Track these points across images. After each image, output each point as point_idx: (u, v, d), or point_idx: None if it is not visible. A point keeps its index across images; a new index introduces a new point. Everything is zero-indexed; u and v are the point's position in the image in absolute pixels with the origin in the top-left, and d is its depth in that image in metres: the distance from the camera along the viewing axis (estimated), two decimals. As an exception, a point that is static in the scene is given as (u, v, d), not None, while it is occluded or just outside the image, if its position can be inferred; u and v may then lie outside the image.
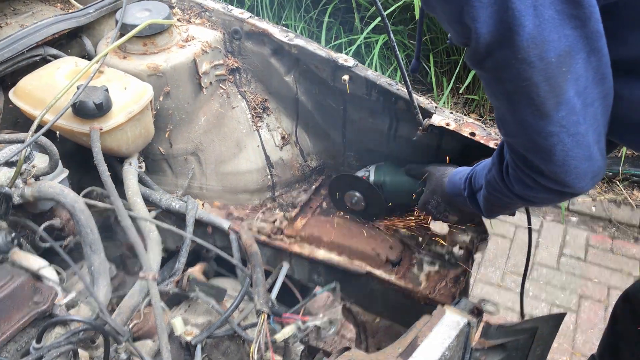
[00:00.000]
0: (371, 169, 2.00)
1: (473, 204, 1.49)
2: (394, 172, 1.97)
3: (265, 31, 2.00)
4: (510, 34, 0.91)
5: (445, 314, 1.42)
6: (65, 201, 1.52)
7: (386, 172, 1.98)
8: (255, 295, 1.58)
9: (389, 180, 1.97)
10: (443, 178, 1.67)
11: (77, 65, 1.78)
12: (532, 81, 0.95)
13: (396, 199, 1.98)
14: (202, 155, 2.06)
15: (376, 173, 1.98)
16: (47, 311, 1.29)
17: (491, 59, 0.97)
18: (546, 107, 0.98)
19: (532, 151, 1.08)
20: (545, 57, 0.93)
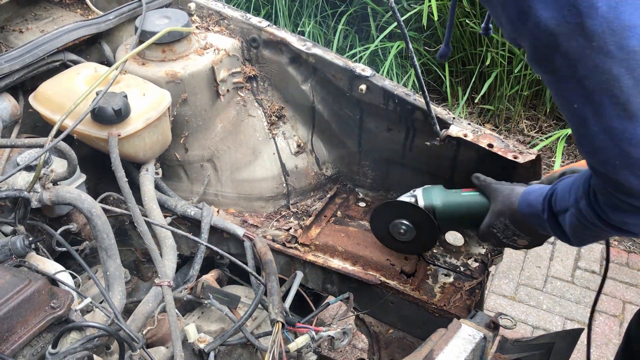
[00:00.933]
0: (418, 192, 1.76)
1: (554, 227, 1.28)
2: (446, 194, 1.72)
3: (283, 40, 2.01)
4: (581, 19, 0.79)
5: (461, 328, 1.41)
6: (82, 206, 1.52)
7: (436, 195, 1.72)
8: (270, 305, 1.57)
9: (441, 204, 1.70)
10: (512, 197, 1.46)
11: (96, 71, 1.80)
12: (612, 74, 0.82)
13: (450, 225, 1.77)
14: (218, 162, 2.06)
15: (425, 197, 1.73)
16: (63, 316, 1.29)
17: (560, 53, 0.84)
18: (633, 106, 0.83)
19: (624, 167, 0.89)
20: (626, 46, 0.79)
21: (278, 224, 2.06)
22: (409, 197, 1.76)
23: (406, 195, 1.78)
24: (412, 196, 1.76)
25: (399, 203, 1.77)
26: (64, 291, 1.34)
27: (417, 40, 4.41)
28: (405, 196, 1.78)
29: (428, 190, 1.74)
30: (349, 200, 2.18)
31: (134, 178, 1.89)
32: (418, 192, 1.76)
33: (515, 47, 0.93)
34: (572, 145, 4.23)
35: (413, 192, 1.77)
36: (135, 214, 1.59)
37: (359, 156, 2.17)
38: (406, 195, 1.79)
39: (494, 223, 1.51)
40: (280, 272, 2.00)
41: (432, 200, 1.71)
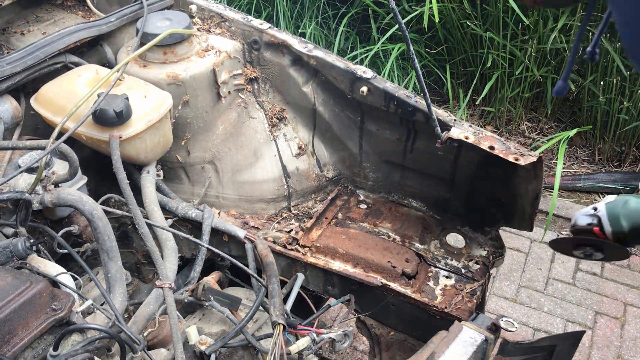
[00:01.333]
0: (601, 211, 1.48)
1: None
2: (634, 212, 1.45)
3: (285, 42, 2.01)
4: None
5: (463, 330, 1.41)
6: (83, 208, 1.53)
7: (624, 213, 1.45)
8: (271, 307, 1.57)
9: (628, 227, 1.44)
10: None
11: (97, 73, 1.80)
12: None
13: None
14: (219, 164, 2.06)
15: (612, 219, 1.46)
16: (64, 318, 1.29)
17: None
18: None
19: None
20: None
21: (279, 226, 2.06)
22: (589, 218, 1.51)
23: (585, 215, 1.52)
24: (594, 216, 1.50)
25: (581, 240, 1.52)
26: (65, 293, 1.34)
27: (418, 42, 4.41)
28: (585, 216, 1.52)
29: (613, 207, 1.47)
30: (350, 202, 2.18)
31: (135, 180, 1.89)
32: (601, 210, 1.49)
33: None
34: (573, 147, 4.23)
35: (596, 210, 1.51)
36: (136, 216, 1.59)
37: (360, 158, 2.17)
38: (585, 214, 1.52)
39: None
40: (281, 274, 2.00)
41: (620, 221, 1.45)
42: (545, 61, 4.00)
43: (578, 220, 1.50)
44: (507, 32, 3.91)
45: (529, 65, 3.96)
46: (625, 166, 4.02)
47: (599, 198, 3.86)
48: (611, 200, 1.47)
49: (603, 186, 3.88)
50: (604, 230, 1.46)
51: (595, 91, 3.85)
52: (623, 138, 3.97)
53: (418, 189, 2.14)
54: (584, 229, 1.49)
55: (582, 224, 1.49)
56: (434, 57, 4.42)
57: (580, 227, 1.50)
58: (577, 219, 1.51)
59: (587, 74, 3.90)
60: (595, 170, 4.05)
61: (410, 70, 4.32)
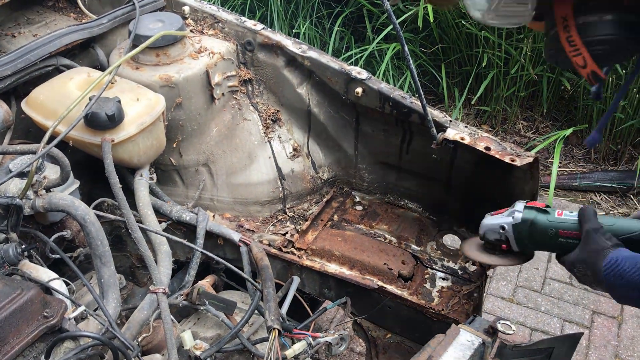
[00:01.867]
0: (509, 233, 1.51)
1: None
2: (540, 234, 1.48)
3: (279, 43, 2.00)
4: None
5: (460, 334, 1.40)
6: (76, 213, 1.51)
7: (531, 236, 1.50)
8: (267, 311, 1.56)
9: (536, 247, 1.53)
10: (600, 255, 1.33)
11: (89, 76, 1.78)
12: None
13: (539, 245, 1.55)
14: (213, 166, 2.05)
15: (518, 241, 1.50)
16: (56, 325, 1.27)
17: None
18: None
19: None
20: None
21: (274, 229, 2.04)
22: (498, 235, 1.53)
23: (494, 230, 1.54)
24: (502, 234, 1.52)
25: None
26: (57, 300, 1.32)
27: (413, 41, 4.40)
28: (493, 231, 1.54)
29: (520, 232, 1.50)
30: (346, 204, 2.17)
31: (129, 183, 1.87)
32: (509, 232, 1.51)
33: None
34: (569, 146, 4.22)
35: (503, 230, 1.52)
36: (129, 221, 1.58)
37: (355, 159, 2.15)
38: (494, 229, 1.54)
39: (574, 265, 1.41)
40: (276, 277, 1.99)
41: (526, 244, 1.51)
42: (540, 60, 4.00)
43: (487, 234, 1.55)
44: (503, 31, 3.90)
45: (525, 64, 3.96)
46: (621, 165, 4.02)
47: (595, 197, 3.86)
48: (517, 221, 1.48)
49: (599, 185, 3.88)
50: (509, 246, 1.52)
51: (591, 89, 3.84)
52: (619, 137, 3.97)
53: (414, 190, 2.13)
54: (493, 243, 1.55)
55: (491, 238, 1.54)
56: (429, 56, 4.41)
57: (489, 241, 1.55)
58: (485, 232, 1.55)
59: (583, 72, 3.89)
60: (591, 169, 4.04)
61: (406, 70, 4.31)
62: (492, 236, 1.54)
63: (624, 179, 3.85)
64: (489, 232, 1.54)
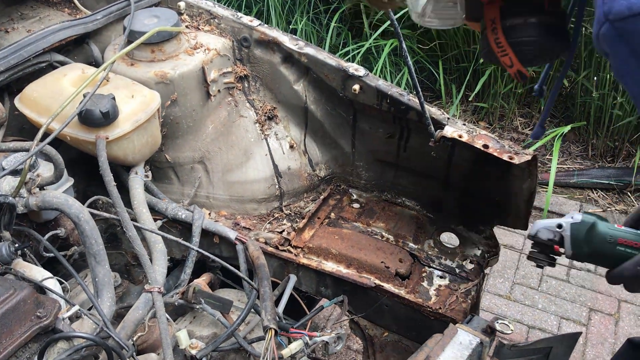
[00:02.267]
0: (565, 232, 1.44)
1: None
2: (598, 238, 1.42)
3: (275, 39, 1.98)
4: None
5: (458, 333, 1.39)
6: (69, 211, 1.49)
7: (588, 240, 1.43)
8: (263, 311, 1.54)
9: (591, 252, 1.43)
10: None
11: (83, 73, 1.76)
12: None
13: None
14: (209, 163, 2.03)
15: (574, 243, 1.44)
16: (50, 325, 1.26)
17: None
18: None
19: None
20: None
21: (271, 227, 2.03)
22: (552, 234, 1.47)
23: (549, 228, 1.48)
24: (557, 234, 1.47)
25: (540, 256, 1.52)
26: (50, 299, 1.30)
27: (411, 37, 4.38)
28: (548, 229, 1.48)
29: (578, 232, 1.44)
30: (343, 201, 2.15)
31: (124, 181, 1.85)
32: (566, 231, 1.44)
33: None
34: (566, 143, 4.22)
35: (559, 228, 1.46)
36: (124, 219, 1.56)
37: (352, 157, 2.14)
38: (549, 227, 1.48)
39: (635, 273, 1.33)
40: (273, 276, 1.98)
41: (582, 247, 1.44)
42: (538, 56, 3.98)
43: (540, 233, 1.48)
44: (500, 27, 3.88)
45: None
46: (619, 162, 4.01)
47: (592, 194, 3.86)
48: (577, 220, 1.44)
49: (596, 182, 3.88)
50: (563, 247, 1.46)
51: (589, 87, 3.83)
52: (616, 133, 3.96)
53: (412, 188, 2.12)
54: (544, 243, 1.49)
55: (543, 238, 1.48)
56: (427, 52, 4.39)
57: (540, 241, 1.49)
58: (538, 231, 1.49)
59: (581, 69, 3.88)
60: (588, 165, 4.04)
61: (403, 66, 4.29)
62: (545, 235, 1.47)
63: (622, 175, 3.84)
64: (542, 231, 1.47)
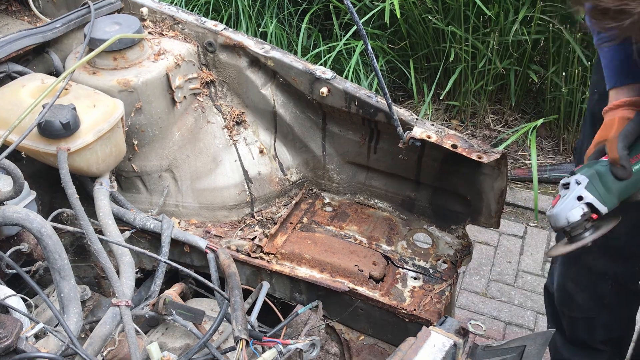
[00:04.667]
0: (588, 198, 1.44)
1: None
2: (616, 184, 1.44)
3: (240, 43, 1.95)
4: None
5: (431, 336, 1.37)
6: (31, 226, 1.44)
7: (610, 191, 1.44)
8: (234, 321, 1.51)
9: (620, 200, 1.46)
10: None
11: (43, 83, 1.71)
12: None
13: None
14: (177, 171, 1.99)
15: (604, 201, 1.43)
16: (10, 346, 1.22)
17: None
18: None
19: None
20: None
21: (242, 234, 2.00)
22: (580, 209, 1.44)
23: (573, 207, 1.44)
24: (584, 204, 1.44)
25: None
26: (11, 319, 1.26)
27: (381, 37, 4.38)
28: (573, 208, 1.44)
29: (597, 189, 1.43)
30: (315, 205, 2.13)
31: (90, 191, 1.81)
32: (587, 197, 1.43)
33: None
34: (538, 139, 4.25)
35: (580, 200, 1.44)
36: (88, 232, 1.52)
37: (323, 160, 2.12)
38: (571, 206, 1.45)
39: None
40: (246, 283, 1.95)
41: (612, 199, 1.44)
42: (507, 53, 4.01)
43: (570, 217, 1.44)
44: (469, 25, 3.91)
45: (492, 58, 3.97)
46: (590, 155, 4.05)
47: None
48: (584, 181, 1.43)
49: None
50: (599, 213, 1.44)
51: (558, 82, 3.87)
52: (586, 128, 4.00)
53: (383, 190, 2.11)
54: (580, 223, 1.45)
55: (576, 218, 1.44)
56: (397, 52, 4.40)
57: (576, 222, 1.45)
58: (568, 216, 1.45)
59: (550, 65, 3.92)
60: (560, 160, 4.08)
61: (375, 66, 4.28)
62: (577, 214, 1.44)
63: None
64: (572, 213, 1.44)
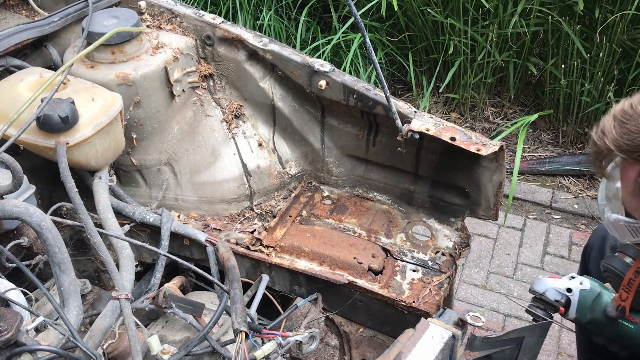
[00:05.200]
0: (574, 297, 1.56)
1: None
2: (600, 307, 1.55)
3: (239, 37, 1.95)
4: None
5: (429, 327, 1.38)
6: (31, 220, 1.44)
7: (592, 307, 1.55)
8: (233, 313, 1.52)
9: (591, 319, 1.57)
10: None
11: (41, 77, 1.71)
12: None
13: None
14: (176, 165, 2.00)
15: (580, 309, 1.56)
16: (11, 339, 1.22)
17: None
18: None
19: None
20: None
21: (242, 227, 2.00)
22: (560, 296, 1.57)
23: (558, 290, 1.58)
24: (564, 297, 1.57)
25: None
26: (11, 312, 1.27)
27: (379, 30, 4.37)
28: (557, 291, 1.58)
29: (585, 299, 1.54)
30: (314, 198, 2.14)
31: (89, 185, 1.81)
32: (574, 296, 1.55)
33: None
34: (537, 131, 4.25)
35: (569, 293, 1.57)
36: (87, 226, 1.52)
37: (322, 153, 2.12)
38: (559, 289, 1.58)
39: None
40: (246, 276, 1.96)
41: (586, 313, 1.55)
42: (506, 46, 4.00)
43: (548, 293, 1.59)
44: (468, 17, 3.90)
45: (491, 51, 3.96)
46: (589, 148, 4.05)
47: (564, 181, 3.89)
48: (586, 288, 1.55)
49: (568, 168, 3.91)
50: (567, 311, 1.57)
51: (557, 74, 3.86)
52: (585, 120, 4.00)
53: (382, 182, 2.11)
54: (549, 303, 1.59)
55: (550, 298, 1.58)
56: (396, 45, 4.39)
57: (547, 300, 1.59)
58: (547, 290, 1.59)
59: (549, 57, 3.91)
60: (559, 153, 4.08)
61: (373, 59, 4.27)
62: (553, 295, 1.58)
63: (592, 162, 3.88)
64: (551, 291, 1.58)
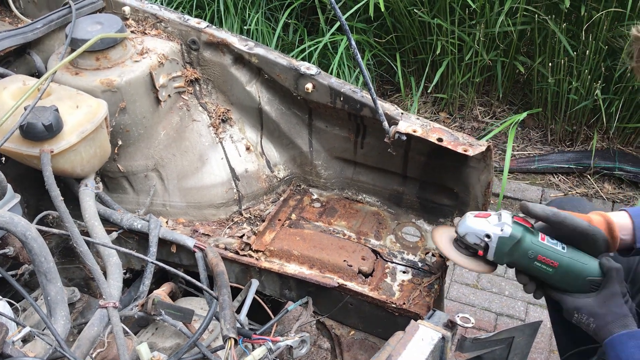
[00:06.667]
0: (492, 243, 1.51)
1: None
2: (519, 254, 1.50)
3: (224, 41, 1.94)
4: None
5: (419, 330, 1.38)
6: (16, 230, 1.43)
7: (510, 254, 1.51)
8: (222, 320, 1.51)
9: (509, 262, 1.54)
10: (615, 324, 1.37)
11: (25, 84, 1.70)
12: None
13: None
14: (163, 171, 1.98)
15: (497, 255, 1.52)
16: (-3, 351, 1.21)
17: None
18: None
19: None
20: None
21: (231, 231, 1.99)
22: (479, 240, 1.53)
23: (478, 235, 1.53)
24: (483, 242, 1.52)
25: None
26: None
27: (367, 31, 4.38)
28: (477, 235, 1.53)
29: (502, 246, 1.50)
30: (303, 201, 2.13)
31: (76, 192, 1.80)
32: (492, 242, 1.50)
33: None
34: (525, 130, 4.27)
35: (487, 238, 1.52)
36: (73, 235, 1.51)
37: (310, 156, 2.12)
38: (478, 233, 1.52)
39: (581, 312, 1.43)
40: (235, 281, 1.95)
41: (502, 258, 1.52)
42: (494, 45, 4.02)
43: (467, 236, 1.55)
44: (455, 17, 3.91)
45: (478, 50, 3.97)
46: (577, 145, 4.08)
47: (553, 178, 3.91)
48: (505, 235, 1.49)
49: (557, 166, 3.93)
50: (485, 254, 1.53)
51: (545, 72, 3.88)
52: (573, 118, 4.02)
53: (371, 184, 2.11)
54: (468, 245, 1.56)
55: (470, 241, 1.55)
56: (384, 46, 4.39)
57: (466, 242, 1.56)
58: (467, 234, 1.54)
59: (536, 56, 3.93)
60: (548, 151, 4.10)
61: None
62: (472, 239, 1.54)
63: (581, 159, 3.91)
64: (470, 235, 1.54)
